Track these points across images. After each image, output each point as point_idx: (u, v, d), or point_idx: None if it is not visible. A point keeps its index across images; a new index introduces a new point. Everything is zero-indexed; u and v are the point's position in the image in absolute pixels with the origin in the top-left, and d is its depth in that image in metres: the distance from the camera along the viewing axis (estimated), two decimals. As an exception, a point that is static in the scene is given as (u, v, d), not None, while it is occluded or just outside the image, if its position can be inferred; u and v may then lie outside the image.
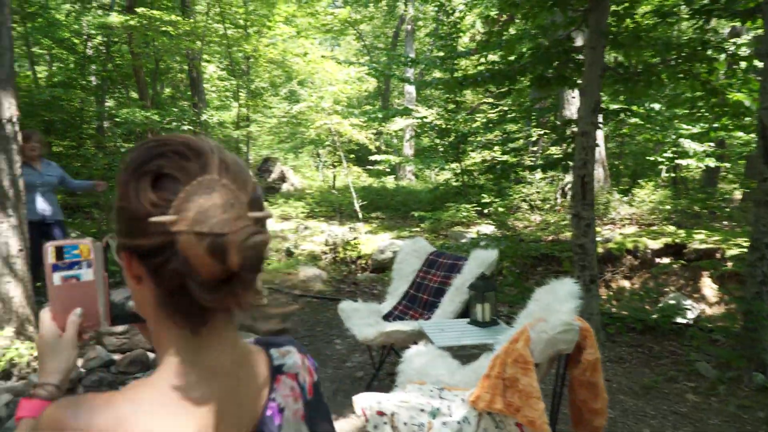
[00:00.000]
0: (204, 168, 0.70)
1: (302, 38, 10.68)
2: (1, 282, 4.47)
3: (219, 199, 0.67)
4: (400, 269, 4.82)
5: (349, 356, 5.10)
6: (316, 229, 12.00)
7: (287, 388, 0.83)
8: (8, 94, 4.53)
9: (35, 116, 15.07)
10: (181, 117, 12.05)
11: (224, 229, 0.66)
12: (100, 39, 16.77)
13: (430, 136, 14.43)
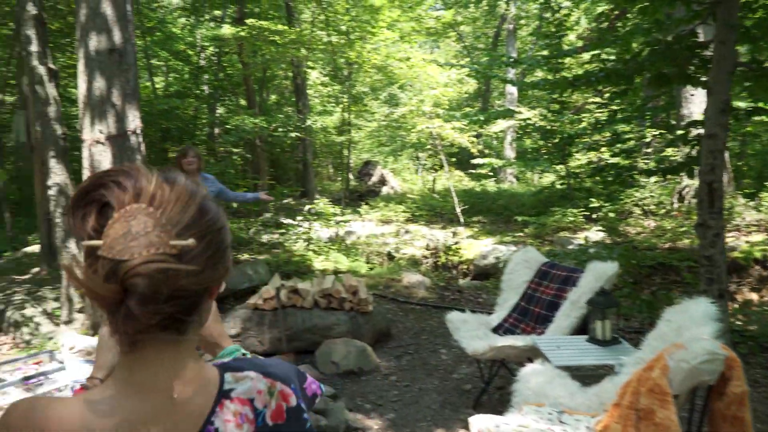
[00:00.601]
0: (137, 197, 0.75)
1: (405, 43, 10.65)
2: (127, 285, 4.74)
3: (135, 228, 0.72)
4: (509, 280, 4.63)
5: (455, 367, 4.97)
6: (417, 233, 11.93)
7: (230, 412, 0.83)
8: (133, 107, 4.79)
9: (154, 125, 16.11)
10: (286, 123, 12.39)
11: (124, 255, 0.70)
12: (212, 50, 17.67)
13: (534, 137, 13.97)
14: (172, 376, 0.80)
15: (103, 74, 4.65)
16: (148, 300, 0.72)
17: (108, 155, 4.66)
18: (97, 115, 4.66)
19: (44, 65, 5.40)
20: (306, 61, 11.56)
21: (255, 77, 16.09)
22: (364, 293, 5.25)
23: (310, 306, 5.13)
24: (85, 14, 4.68)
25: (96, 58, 4.64)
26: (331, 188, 22.81)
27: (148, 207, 0.75)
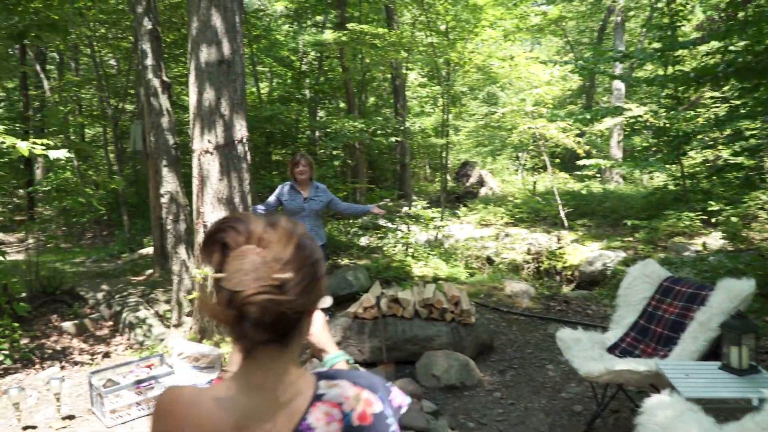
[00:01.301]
0: (248, 240, 0.95)
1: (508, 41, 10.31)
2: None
3: (246, 265, 0.92)
4: (627, 295, 4.27)
5: (564, 385, 4.67)
6: (518, 236, 11.54)
7: (321, 412, 0.99)
8: (240, 116, 4.88)
9: (258, 129, 16.69)
10: (385, 125, 12.39)
11: (237, 287, 0.91)
12: (313, 55, 18.07)
13: (644, 135, 13.13)
14: (277, 380, 1.00)
15: (212, 85, 4.76)
16: (258, 323, 0.93)
17: (216, 164, 4.77)
18: (207, 125, 4.78)
19: (158, 78, 5.65)
20: (405, 63, 11.47)
21: (355, 80, 16.25)
22: (467, 304, 5.06)
23: (410, 316, 5.01)
24: (196, 27, 4.82)
25: (206, 70, 4.76)
26: (428, 189, 22.67)
27: (256, 247, 0.95)
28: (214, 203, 4.78)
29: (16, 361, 5.28)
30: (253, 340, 0.95)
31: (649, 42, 21.23)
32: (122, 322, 5.98)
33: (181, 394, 1.02)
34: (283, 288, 0.94)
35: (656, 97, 14.13)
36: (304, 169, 5.20)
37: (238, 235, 0.96)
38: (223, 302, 0.93)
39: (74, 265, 9.78)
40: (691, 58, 14.27)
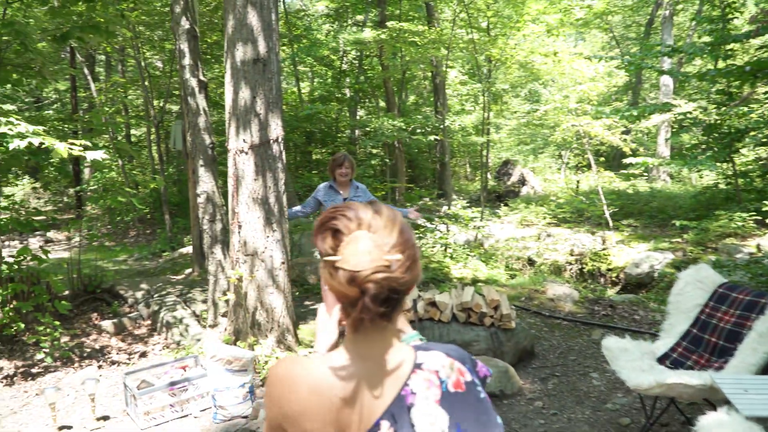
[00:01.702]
0: (359, 226, 1.08)
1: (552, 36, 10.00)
2: (266, 293, 4.76)
3: (361, 248, 1.05)
4: (678, 302, 4.02)
5: (609, 395, 4.45)
6: (560, 237, 11.23)
7: (421, 379, 1.10)
8: (276, 115, 4.81)
9: (298, 129, 16.74)
10: (425, 124, 12.24)
11: (357, 268, 1.04)
12: (353, 54, 18.03)
13: (693, 132, 12.61)
14: (383, 350, 1.11)
15: (247, 84, 4.71)
16: (375, 298, 1.04)
17: (251, 164, 4.72)
18: (242, 125, 4.73)
19: (195, 77, 5.64)
20: (445, 61, 11.28)
21: (394, 79, 16.13)
22: (507, 308, 4.88)
23: (447, 320, 4.86)
24: (232, 25, 4.77)
25: (241, 68, 4.71)
26: (468, 188, 22.39)
27: (367, 232, 1.07)
28: (248, 203, 4.73)
29: (56, 359, 5.34)
30: (370, 315, 1.06)
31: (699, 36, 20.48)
32: (160, 322, 6.00)
33: (297, 362, 1.14)
34: (392, 267, 1.06)
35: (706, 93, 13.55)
36: (347, 171, 5.06)
37: (350, 221, 1.10)
38: (345, 281, 1.05)
39: (117, 263, 9.95)
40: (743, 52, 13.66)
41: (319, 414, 1.08)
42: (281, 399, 1.11)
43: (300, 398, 1.09)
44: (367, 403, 1.08)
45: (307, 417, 1.08)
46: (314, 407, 1.08)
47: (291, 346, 4.84)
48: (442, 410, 1.10)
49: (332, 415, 1.08)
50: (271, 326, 4.78)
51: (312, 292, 6.92)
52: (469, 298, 4.91)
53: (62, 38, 6.12)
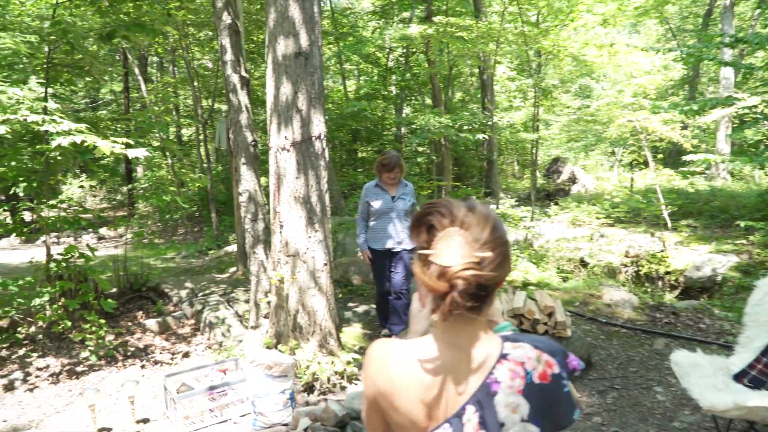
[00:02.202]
0: (452, 222, 1.15)
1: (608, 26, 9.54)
2: (308, 295, 4.60)
3: (453, 244, 1.12)
4: (757, 313, 3.65)
5: (675, 412, 4.10)
6: (614, 237, 10.75)
7: (507, 369, 1.16)
8: (318, 111, 4.64)
9: (344, 127, 16.66)
10: (472, 121, 11.94)
11: (447, 263, 1.10)
12: (399, 51, 17.82)
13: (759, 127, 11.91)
14: (471, 341, 1.18)
15: (289, 79, 4.55)
16: (464, 293, 1.11)
17: (293, 162, 4.56)
18: (283, 121, 4.57)
19: (237, 73, 5.52)
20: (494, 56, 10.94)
21: (441, 76, 15.86)
22: (562, 315, 4.58)
23: (498, 326, 4.60)
24: (273, 19, 4.62)
25: (282, 63, 4.56)
26: (516, 186, 21.91)
27: (459, 229, 1.14)
28: (290, 202, 4.57)
29: (100, 358, 5.32)
30: (459, 308, 1.10)
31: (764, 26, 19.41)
32: (203, 321, 5.93)
33: (392, 343, 1.23)
34: (482, 264, 1.11)
35: (766, 83, 12.80)
36: (396, 175, 4.94)
37: (443, 218, 1.15)
38: (435, 275, 1.11)
39: (165, 261, 10.03)
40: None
41: (410, 392, 1.17)
42: (377, 375, 1.22)
43: (393, 376, 1.19)
44: (453, 387, 1.15)
45: (400, 394, 1.18)
46: (405, 385, 1.17)
47: (333, 351, 4.66)
48: (524, 400, 1.15)
49: (421, 394, 1.16)
50: (312, 330, 4.62)
51: (356, 294, 6.74)
52: (521, 303, 4.63)
53: (108, 37, 6.12)
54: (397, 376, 1.18)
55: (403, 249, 4.99)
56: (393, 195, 4.97)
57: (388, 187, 4.99)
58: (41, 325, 5.77)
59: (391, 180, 4.91)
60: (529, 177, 22.58)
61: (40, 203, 5.84)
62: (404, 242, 4.97)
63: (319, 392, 4.29)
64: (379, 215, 4.97)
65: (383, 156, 4.96)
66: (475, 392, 1.15)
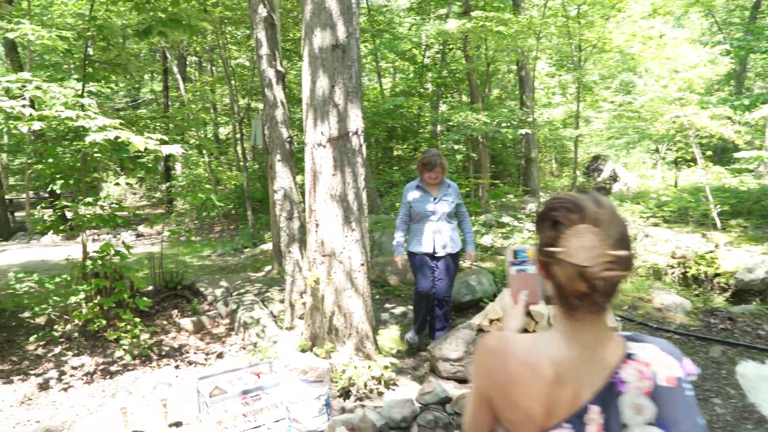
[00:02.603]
0: (581, 220, 1.10)
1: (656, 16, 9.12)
2: (344, 296, 4.44)
3: (587, 243, 1.07)
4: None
5: (737, 426, 3.80)
6: (659, 237, 10.33)
7: (633, 369, 1.11)
8: (355, 106, 4.47)
9: (380, 124, 16.52)
10: (510, 117, 11.64)
11: (585, 263, 1.07)
12: (436, 48, 17.60)
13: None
14: (595, 338, 1.14)
15: (325, 72, 4.40)
16: (604, 294, 1.09)
17: (329, 158, 4.40)
18: (320, 116, 4.42)
19: (273, 68, 5.39)
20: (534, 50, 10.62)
21: (478, 72, 15.56)
22: (612, 321, 4.31)
23: (543, 331, 4.36)
24: (310, 10, 4.47)
25: (319, 56, 4.41)
26: (555, 185, 21.48)
27: (592, 226, 1.09)
28: (326, 200, 4.42)
29: (135, 357, 5.27)
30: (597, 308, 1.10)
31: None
32: (237, 321, 5.83)
33: (510, 336, 1.21)
34: (617, 263, 1.07)
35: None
36: (437, 176, 4.66)
37: (571, 213, 1.11)
38: (573, 276, 1.08)
39: (201, 258, 10.03)
40: None
41: (530, 387, 1.13)
42: (493, 369, 1.19)
43: (513, 370, 1.15)
44: (576, 385, 1.11)
45: (518, 389, 1.14)
46: (526, 380, 1.13)
47: (370, 354, 4.49)
48: (651, 402, 1.10)
49: (543, 390, 1.12)
50: (349, 332, 4.46)
51: (393, 294, 6.56)
52: (568, 307, 4.38)
53: (144, 33, 6.07)
54: (517, 371, 1.14)
55: (447, 253, 4.69)
56: (435, 196, 4.69)
57: (429, 188, 4.71)
58: (77, 323, 5.75)
59: (432, 180, 4.64)
60: (568, 175, 22.10)
61: (77, 201, 5.82)
62: (448, 246, 4.67)
63: (355, 398, 4.12)
64: (421, 218, 4.70)
65: (424, 155, 4.70)
66: (599, 391, 1.11)
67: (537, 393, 1.12)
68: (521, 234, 8.69)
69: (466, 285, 5.89)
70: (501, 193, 12.80)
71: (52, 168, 5.88)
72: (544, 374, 1.11)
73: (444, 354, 4.48)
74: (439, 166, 4.61)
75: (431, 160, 4.61)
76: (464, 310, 5.87)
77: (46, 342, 5.48)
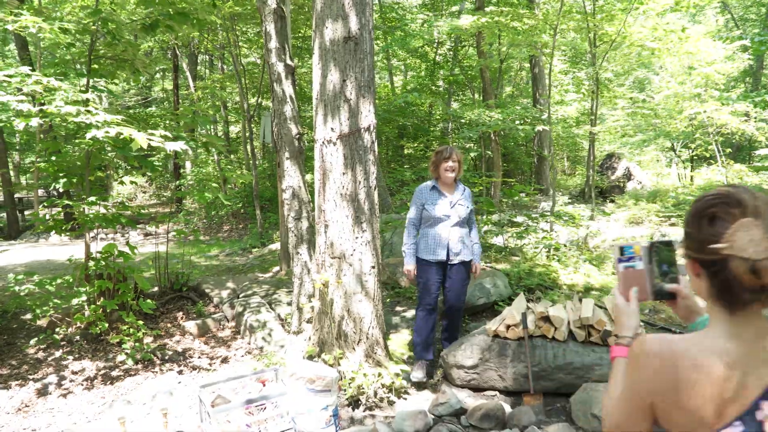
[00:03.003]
0: (743, 213, 1.09)
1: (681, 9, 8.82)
2: (353, 300, 4.24)
3: (755, 236, 1.06)
4: None
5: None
6: (676, 236, 10.06)
7: None
8: (367, 101, 4.27)
9: (391, 122, 16.32)
10: (523, 115, 11.40)
11: (760, 257, 1.05)
12: (448, 45, 17.38)
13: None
14: (757, 332, 1.12)
15: (337, 65, 4.19)
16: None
17: (339, 155, 4.20)
18: (330, 112, 4.22)
19: (282, 62, 5.18)
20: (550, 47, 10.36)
21: (491, 71, 15.31)
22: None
23: (563, 338, 4.13)
24: (321, 1, 4.27)
25: (330, 48, 4.21)
26: (567, 183, 21.19)
27: (755, 219, 1.08)
28: (336, 199, 4.22)
29: (137, 361, 5.10)
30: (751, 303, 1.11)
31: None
32: (243, 325, 5.65)
33: (672, 338, 1.17)
34: None
35: None
36: (454, 165, 4.28)
37: (731, 208, 1.12)
38: (745, 270, 1.07)
39: (208, 258, 9.87)
40: None
41: (702, 389, 1.09)
42: (657, 374, 1.15)
43: (680, 373, 1.11)
44: (745, 382, 1.09)
45: (689, 392, 1.10)
46: (697, 382, 1.10)
47: (380, 361, 4.29)
48: None
49: (714, 391, 1.09)
50: (358, 338, 4.26)
51: (404, 297, 6.35)
52: (590, 313, 4.15)
53: (151, 27, 5.90)
54: (687, 373, 1.11)
55: (461, 261, 4.32)
56: (451, 199, 4.32)
57: (446, 189, 4.35)
58: (79, 326, 5.60)
59: (449, 171, 4.26)
60: (581, 174, 21.79)
61: (80, 200, 5.66)
62: (462, 253, 4.31)
63: (365, 407, 3.92)
64: (434, 221, 4.28)
65: (438, 149, 4.40)
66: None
67: (709, 394, 1.08)
68: (536, 234, 8.44)
69: (481, 287, 5.67)
70: (515, 191, 12.56)
71: (56, 166, 5.73)
72: (715, 374, 1.08)
73: (458, 361, 4.27)
74: (455, 154, 4.31)
75: (446, 149, 4.33)
76: (478, 314, 5.65)
77: (47, 345, 5.32)
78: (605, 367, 4.01)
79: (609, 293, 6.26)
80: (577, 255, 7.63)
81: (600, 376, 3.99)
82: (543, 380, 4.09)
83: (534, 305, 4.45)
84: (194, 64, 22.01)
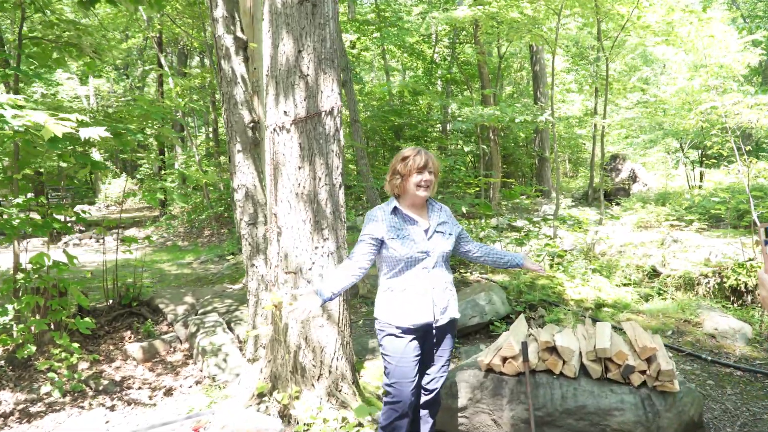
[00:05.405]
0: None
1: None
2: (313, 326, 3.40)
3: None
4: None
5: None
6: (689, 242, 9.25)
7: None
8: (329, 77, 3.43)
9: (386, 122, 15.55)
10: (523, 112, 10.61)
11: None
12: (446, 42, 16.65)
13: None
14: None
15: (290, 33, 3.36)
16: None
17: (295, 146, 3.36)
18: (283, 91, 3.39)
19: (231, 34, 4.34)
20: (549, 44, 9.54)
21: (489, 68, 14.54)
22: (666, 361, 3.22)
23: (574, 374, 3.28)
24: (271, -42, 3.44)
25: (282, 11, 3.37)
26: (569, 186, 20.44)
27: None
28: (290, 200, 3.38)
29: (65, 393, 4.27)
30: None
31: None
32: (196, 348, 4.81)
33: None
34: None
35: None
36: (430, 179, 2.74)
37: None
38: None
39: (180, 266, 9.04)
40: None
41: None
42: None
43: None
44: None
45: None
46: None
47: (346, 401, 3.44)
48: None
49: None
50: (319, 372, 3.42)
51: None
52: (607, 342, 3.30)
53: (90, 2, 5.07)
54: None
55: (450, 318, 2.86)
56: (426, 227, 2.78)
57: (415, 212, 2.81)
58: (7, 348, 4.78)
59: (424, 187, 2.72)
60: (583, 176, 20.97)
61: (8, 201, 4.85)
62: (450, 308, 2.84)
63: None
64: (407, 265, 2.71)
65: (402, 151, 2.80)
66: None
67: None
68: (538, 240, 7.60)
69: (474, 305, 4.82)
70: (515, 193, 11.75)
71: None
72: None
73: (444, 403, 3.42)
74: (431, 161, 2.74)
75: (420, 153, 2.73)
76: (470, 335, 4.80)
77: (-37, 375, 4.49)
78: (628, 412, 3.16)
79: (625, 310, 5.42)
80: (585, 265, 6.77)
81: (620, 423, 3.14)
82: (548, 427, 3.25)
83: (537, 331, 3.60)
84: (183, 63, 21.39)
